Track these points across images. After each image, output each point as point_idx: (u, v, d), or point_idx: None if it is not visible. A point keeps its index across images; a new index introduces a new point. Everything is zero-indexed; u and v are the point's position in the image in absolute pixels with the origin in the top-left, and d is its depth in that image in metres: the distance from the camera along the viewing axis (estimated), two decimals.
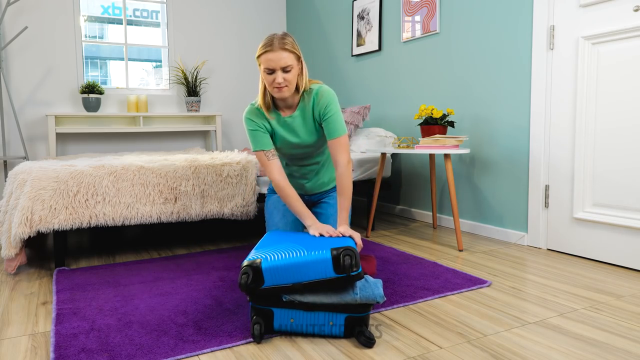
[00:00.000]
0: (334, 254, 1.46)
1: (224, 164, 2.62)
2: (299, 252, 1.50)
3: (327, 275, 1.46)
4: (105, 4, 15.87)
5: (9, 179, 2.36)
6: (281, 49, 1.80)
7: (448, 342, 1.47)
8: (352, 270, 1.44)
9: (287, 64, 1.81)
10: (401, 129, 3.59)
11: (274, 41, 1.81)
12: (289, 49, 1.81)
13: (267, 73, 1.83)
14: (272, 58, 1.80)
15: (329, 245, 1.52)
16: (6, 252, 2.21)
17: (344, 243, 1.53)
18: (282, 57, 1.80)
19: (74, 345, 1.46)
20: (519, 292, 1.91)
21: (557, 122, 2.48)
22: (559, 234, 2.50)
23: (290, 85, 1.85)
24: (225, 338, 1.50)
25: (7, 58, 4.01)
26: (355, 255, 1.46)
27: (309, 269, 1.46)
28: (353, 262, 1.45)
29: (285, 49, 1.80)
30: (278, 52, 1.80)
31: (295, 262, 1.46)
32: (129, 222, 2.39)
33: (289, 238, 1.72)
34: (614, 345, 1.43)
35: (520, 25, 2.65)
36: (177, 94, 4.73)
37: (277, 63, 1.80)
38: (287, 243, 1.63)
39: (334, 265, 1.45)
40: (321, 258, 1.46)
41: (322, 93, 1.93)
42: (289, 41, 1.84)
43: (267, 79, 1.84)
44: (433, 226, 3.19)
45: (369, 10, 3.87)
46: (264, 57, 1.82)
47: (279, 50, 1.79)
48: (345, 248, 1.47)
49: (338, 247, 1.48)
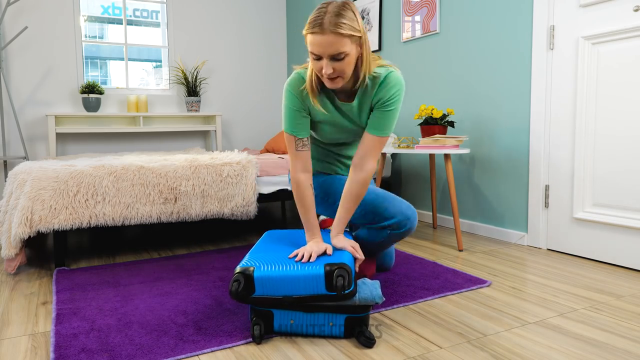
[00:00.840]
0: (327, 269, 1.43)
1: (224, 164, 2.62)
2: (292, 264, 1.49)
3: (318, 292, 1.44)
4: (105, 4, 15.88)
5: (9, 179, 2.36)
6: (332, 33, 1.39)
7: (448, 342, 1.47)
8: (344, 289, 1.40)
9: (339, 51, 1.41)
10: (401, 129, 3.59)
11: (325, 20, 1.40)
12: (343, 33, 1.39)
13: (314, 58, 1.46)
14: (319, 42, 1.41)
15: (323, 260, 1.50)
16: (6, 252, 2.21)
17: (339, 259, 1.50)
18: (332, 43, 1.39)
19: (74, 346, 1.46)
20: (519, 292, 1.91)
21: (557, 122, 2.48)
22: (559, 234, 2.50)
23: (344, 75, 1.48)
24: (225, 338, 1.50)
25: (7, 58, 4.01)
26: (348, 274, 1.42)
27: (300, 283, 1.44)
28: (345, 283, 1.40)
29: (338, 32, 1.39)
30: (327, 36, 1.39)
31: (288, 275, 1.44)
32: (129, 222, 2.39)
33: (287, 243, 1.71)
34: (614, 345, 1.43)
35: (520, 25, 2.65)
36: (177, 94, 4.73)
37: (325, 49, 1.41)
38: (282, 251, 1.62)
39: (326, 283, 1.43)
40: (313, 274, 1.43)
41: (391, 80, 1.57)
42: (346, 22, 1.40)
43: (315, 65, 1.48)
44: (433, 226, 3.19)
45: (369, 10, 3.87)
46: (309, 38, 1.45)
47: (329, 33, 1.39)
48: (339, 266, 1.43)
49: (332, 262, 1.46)
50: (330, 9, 1.41)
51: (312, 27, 1.42)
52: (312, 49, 1.44)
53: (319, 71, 1.48)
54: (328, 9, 1.42)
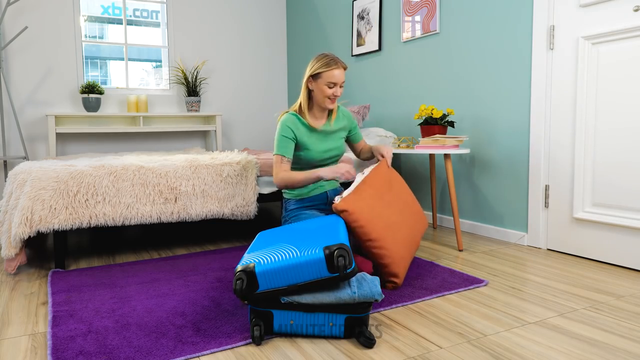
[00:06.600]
0: (326, 253, 1.45)
1: (224, 164, 2.62)
2: (291, 252, 1.50)
3: (321, 275, 1.45)
4: (105, 4, 15.86)
5: (9, 179, 2.36)
6: (342, 68, 2.19)
7: (448, 342, 1.47)
8: (346, 268, 1.44)
9: (343, 80, 2.20)
10: (401, 129, 3.59)
11: (337, 60, 2.18)
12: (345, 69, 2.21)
13: (329, 87, 2.18)
14: (337, 75, 2.16)
15: (321, 244, 1.51)
16: (6, 252, 2.21)
17: (336, 240, 1.52)
18: (342, 74, 2.19)
19: (71, 348, 1.45)
20: (519, 292, 1.91)
21: (557, 122, 2.48)
22: (559, 234, 2.50)
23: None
24: (224, 339, 1.50)
25: (7, 58, 4.01)
26: (348, 253, 1.45)
27: (302, 270, 1.45)
28: (347, 262, 1.44)
29: (344, 68, 2.20)
30: (341, 70, 2.18)
31: (289, 264, 1.45)
32: (129, 222, 2.39)
33: (281, 237, 1.72)
34: (614, 345, 1.43)
35: (520, 25, 2.64)
36: (177, 94, 4.73)
37: (339, 78, 2.17)
38: (279, 243, 1.63)
39: (328, 265, 1.44)
40: (314, 259, 1.45)
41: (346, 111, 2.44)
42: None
43: (327, 91, 2.19)
44: (433, 226, 3.19)
45: (369, 10, 3.87)
46: (329, 72, 2.15)
47: (341, 68, 2.18)
48: (338, 246, 1.46)
49: (330, 245, 1.47)
50: (333, 55, 2.20)
51: (331, 65, 2.16)
52: (331, 80, 2.16)
53: (329, 96, 2.20)
54: (333, 55, 2.20)
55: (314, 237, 1.60)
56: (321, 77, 2.18)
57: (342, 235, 1.59)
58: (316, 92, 2.23)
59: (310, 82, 2.22)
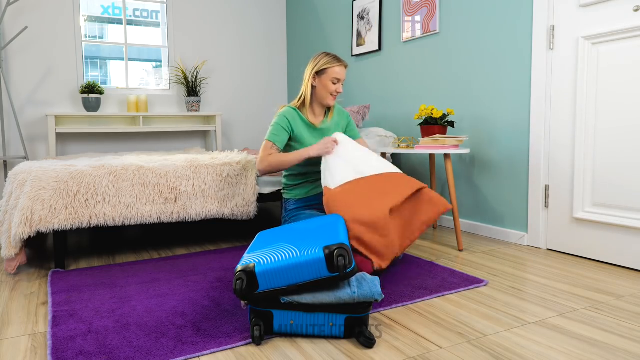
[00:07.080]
0: (326, 252, 1.45)
1: (224, 164, 2.62)
2: (291, 252, 1.50)
3: (321, 275, 1.45)
4: (105, 4, 15.86)
5: (9, 179, 2.36)
6: (345, 66, 2.29)
7: (448, 342, 1.47)
8: (345, 268, 1.44)
9: (344, 78, 2.31)
10: (401, 128, 3.59)
11: (341, 58, 2.28)
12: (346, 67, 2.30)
13: (333, 83, 2.26)
14: (341, 72, 2.26)
15: (320, 243, 1.51)
16: (6, 252, 2.21)
17: (335, 240, 1.52)
18: (345, 72, 2.29)
19: (71, 348, 1.45)
20: (519, 292, 1.91)
21: (557, 122, 2.48)
22: (559, 234, 2.50)
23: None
24: (224, 339, 1.50)
25: (7, 58, 4.01)
26: (348, 252, 1.45)
27: (302, 270, 1.45)
28: (346, 261, 1.44)
29: (346, 66, 2.30)
30: (344, 68, 2.28)
31: (289, 264, 1.45)
32: (129, 222, 2.39)
33: (281, 237, 1.72)
34: (614, 345, 1.43)
35: (520, 25, 2.64)
36: (177, 94, 4.73)
37: (342, 75, 2.27)
38: (278, 243, 1.63)
39: (328, 265, 1.44)
40: (314, 258, 1.45)
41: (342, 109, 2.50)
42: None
43: (331, 87, 2.26)
44: (433, 226, 3.19)
45: (369, 10, 3.87)
46: (334, 69, 2.24)
47: (344, 66, 2.28)
48: (338, 246, 1.46)
49: (330, 244, 1.47)
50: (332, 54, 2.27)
51: (335, 61, 2.25)
52: (335, 75, 2.25)
53: (332, 91, 2.28)
54: (332, 53, 2.28)
55: (313, 237, 1.60)
56: (326, 73, 2.24)
57: (342, 235, 1.59)
58: (319, 89, 2.28)
59: (314, 78, 2.27)
